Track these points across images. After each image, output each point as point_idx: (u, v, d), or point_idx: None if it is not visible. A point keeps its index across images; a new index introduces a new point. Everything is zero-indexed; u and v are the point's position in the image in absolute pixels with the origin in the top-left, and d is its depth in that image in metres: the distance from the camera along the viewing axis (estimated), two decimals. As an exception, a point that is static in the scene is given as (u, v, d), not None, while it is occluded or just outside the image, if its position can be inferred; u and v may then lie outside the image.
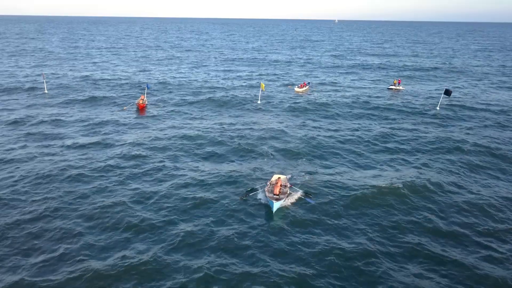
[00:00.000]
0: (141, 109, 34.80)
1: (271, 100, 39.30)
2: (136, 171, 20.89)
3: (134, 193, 18.29)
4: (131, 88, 44.09)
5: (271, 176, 19.62)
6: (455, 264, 13.65)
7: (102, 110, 34.71)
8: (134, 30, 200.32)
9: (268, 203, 17.14)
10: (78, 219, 16.06)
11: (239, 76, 54.80)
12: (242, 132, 28.30)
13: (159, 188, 18.87)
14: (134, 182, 19.63)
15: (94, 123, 30.21)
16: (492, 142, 26.72)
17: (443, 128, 30.19)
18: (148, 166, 21.52)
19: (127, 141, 25.89)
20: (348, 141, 26.80)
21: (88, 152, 23.79)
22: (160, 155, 23.31)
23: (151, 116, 32.87)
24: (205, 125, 30.16)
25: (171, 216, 16.36)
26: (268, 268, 13.13)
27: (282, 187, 17.87)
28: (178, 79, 50.60)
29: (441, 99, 37.15)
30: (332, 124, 31.45)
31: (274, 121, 31.58)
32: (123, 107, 35.89)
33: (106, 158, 22.70)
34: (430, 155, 24.40)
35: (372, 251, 14.19)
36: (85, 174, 20.31)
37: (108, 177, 20.11)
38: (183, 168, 21.52)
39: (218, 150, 24.37)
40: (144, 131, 28.30)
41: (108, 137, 26.85)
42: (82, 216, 16.25)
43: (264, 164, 22.16)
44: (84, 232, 15.11)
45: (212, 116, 33.23)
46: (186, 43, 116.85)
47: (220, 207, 17.11)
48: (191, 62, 69.51)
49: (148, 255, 13.65)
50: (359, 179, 20.44)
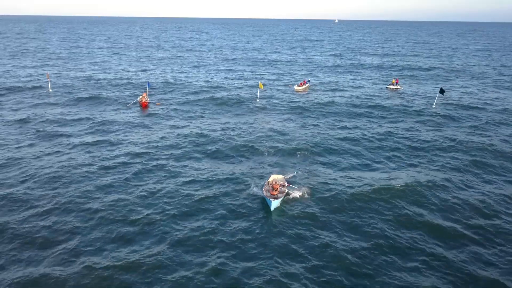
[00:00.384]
0: (144, 106, 35.71)
1: (271, 99, 39.80)
2: (140, 168, 21.39)
3: (138, 190, 18.80)
4: (133, 88, 44.64)
5: (269, 175, 19.88)
6: (451, 260, 13.92)
7: (105, 109, 35.30)
8: (134, 30, 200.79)
9: (266, 202, 17.35)
10: (85, 214, 16.60)
11: (239, 76, 55.32)
12: (241, 131, 28.69)
13: (162, 186, 19.32)
14: (137, 179, 20.14)
15: (98, 122, 30.76)
16: (487, 140, 27.31)
17: (438, 127, 30.70)
18: (150, 164, 22.01)
19: (131, 140, 26.46)
20: (347, 140, 27.13)
21: (93, 150, 24.35)
22: (162, 154, 23.81)
23: (153, 114, 33.42)
24: (205, 124, 30.67)
25: (173, 213, 16.79)
26: (266, 264, 13.53)
27: (280, 186, 18.11)
28: (179, 79, 51.12)
29: (436, 98, 38.02)
30: (331, 123, 31.87)
31: (273, 120, 32.05)
32: (127, 105, 36.82)
33: (110, 156, 23.24)
34: (427, 153, 24.75)
35: (369, 247, 14.49)
36: (91, 171, 20.86)
37: (113, 174, 20.65)
38: (183, 166, 21.96)
39: (218, 149, 24.70)
40: (147, 130, 28.87)
41: (111, 135, 27.41)
42: (89, 212, 16.77)
43: (263, 163, 22.48)
44: (90, 228, 15.68)
45: (213, 115, 33.71)
46: (187, 43, 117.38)
47: (219, 206, 17.43)
48: (192, 62, 70.02)
49: (152, 250, 14.14)
50: (357, 177, 20.71)
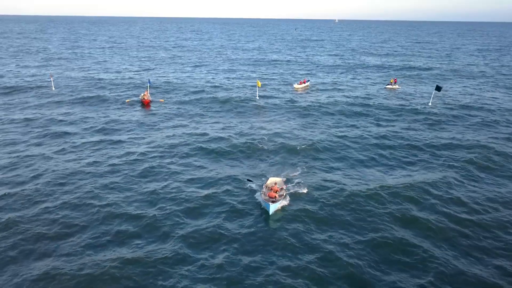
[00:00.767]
0: (146, 104, 36.43)
1: (271, 98, 40.18)
2: (142, 167, 21.71)
3: (141, 188, 19.18)
4: (134, 87, 45.15)
5: (268, 178, 19.79)
6: (449, 260, 14.08)
7: (108, 108, 35.81)
8: (135, 30, 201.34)
9: (264, 205, 17.21)
10: (92, 211, 17.07)
11: (239, 76, 55.82)
12: (241, 131, 28.80)
13: (162, 185, 19.56)
14: (140, 178, 20.48)
15: (101, 121, 31.25)
16: (484, 139, 27.86)
17: (435, 126, 31.05)
18: (152, 164, 22.27)
19: (133, 139, 26.89)
20: (345, 140, 27.12)
21: (97, 149, 24.83)
22: (162, 153, 24.07)
23: (155, 114, 33.87)
24: (205, 124, 30.95)
25: (169, 214, 16.97)
26: (264, 266, 13.72)
27: (278, 189, 18.05)
28: (180, 79, 51.66)
29: (432, 95, 38.62)
30: (329, 123, 31.97)
31: (273, 120, 32.23)
32: (126, 100, 37.65)
33: (114, 155, 23.66)
34: (424, 152, 24.96)
35: (368, 249, 14.61)
36: (96, 170, 21.32)
37: (116, 172, 21.06)
38: (182, 166, 22.15)
39: (217, 150, 24.73)
40: (149, 130, 29.19)
41: (115, 135, 27.84)
42: (95, 209, 17.23)
43: (262, 164, 22.55)
44: (96, 224, 16.16)
45: (213, 115, 33.94)
46: (187, 43, 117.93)
47: (216, 208, 17.44)
48: (193, 62, 70.53)
49: (149, 250, 14.33)
50: (356, 179, 20.74)
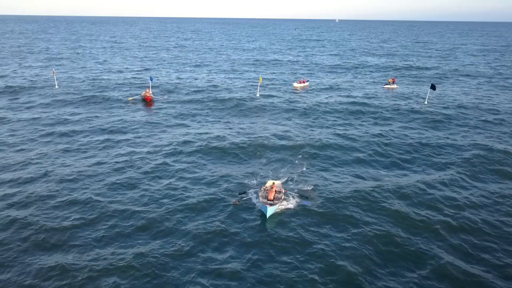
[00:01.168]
0: (148, 101, 37.01)
1: (271, 98, 40.50)
2: (144, 167, 21.94)
3: (144, 188, 19.41)
4: (137, 87, 45.76)
5: (266, 181, 19.65)
6: (447, 261, 14.10)
7: (111, 107, 36.37)
8: (135, 30, 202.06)
9: (261, 208, 17.02)
10: (97, 210, 17.28)
11: (240, 75, 56.42)
12: (241, 132, 28.86)
13: (163, 185, 19.68)
14: (143, 176, 20.76)
15: (104, 120, 31.73)
16: (480, 139, 28.53)
17: (430, 125, 31.42)
18: (153, 163, 22.39)
19: (135, 138, 27.26)
20: (344, 141, 27.07)
21: (101, 148, 25.27)
22: (163, 153, 24.25)
23: (156, 114, 34.32)
24: (205, 124, 31.20)
25: (168, 212, 17.06)
26: (261, 271, 13.65)
27: (276, 192, 17.86)
28: (180, 78, 52.25)
29: (428, 94, 39.30)
30: (328, 123, 32.01)
31: (273, 121, 32.36)
32: (129, 98, 38.28)
33: (116, 155, 24.00)
34: (422, 153, 25.08)
35: (366, 255, 14.53)
36: (100, 170, 21.61)
37: (120, 172, 21.39)
38: (181, 166, 22.22)
39: (216, 150, 24.66)
40: (150, 130, 29.34)
41: (118, 134, 28.21)
42: (100, 208, 17.44)
43: (260, 165, 22.45)
44: (100, 223, 16.38)
45: (213, 115, 34.16)
46: (188, 43, 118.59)
47: (214, 212, 17.34)
48: (193, 62, 71.15)
49: (143, 254, 14.31)
50: (355, 181, 20.77)
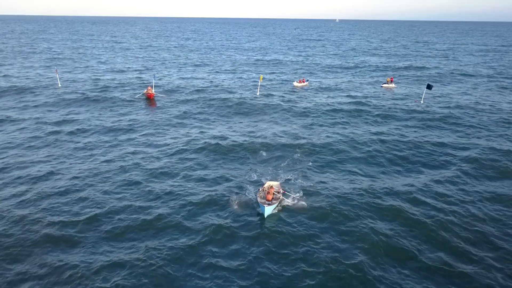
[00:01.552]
0: (151, 98, 37.75)
1: (271, 97, 40.93)
2: (147, 166, 22.16)
3: (139, 191, 19.51)
4: (139, 86, 46.25)
5: (265, 181, 19.81)
6: (445, 264, 14.24)
7: (113, 106, 36.93)
8: (136, 30, 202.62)
9: (260, 208, 17.15)
10: (103, 210, 17.60)
11: (240, 75, 56.98)
12: (240, 132, 28.98)
13: (161, 185, 19.95)
14: (147, 175, 21.05)
15: (108, 120, 32.27)
16: (476, 139, 29.05)
17: (426, 125, 31.65)
18: (156, 163, 22.66)
19: (137, 138, 27.55)
20: (343, 141, 27.22)
21: (105, 148, 25.63)
22: (163, 153, 24.48)
23: (159, 114, 34.89)
24: (205, 124, 31.38)
25: (165, 211, 17.27)
26: (256, 270, 13.78)
27: (275, 193, 18.00)
28: (181, 78, 52.81)
29: (423, 94, 39.99)
30: (327, 123, 32.12)
31: (272, 121, 32.53)
32: (134, 97, 38.95)
33: (121, 155, 24.28)
34: (418, 152, 25.18)
35: (365, 253, 14.64)
36: (101, 170, 21.96)
37: (126, 171, 21.74)
38: (179, 166, 22.44)
39: (215, 151, 24.95)
40: (152, 130, 29.59)
41: (122, 134, 28.57)
42: (105, 208, 17.76)
43: (259, 167, 22.57)
44: (108, 220, 16.81)
45: (213, 115, 34.31)
46: (188, 43, 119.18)
47: (213, 211, 17.53)
48: (194, 62, 71.76)
49: (149, 248, 14.69)
50: (354, 182, 20.83)
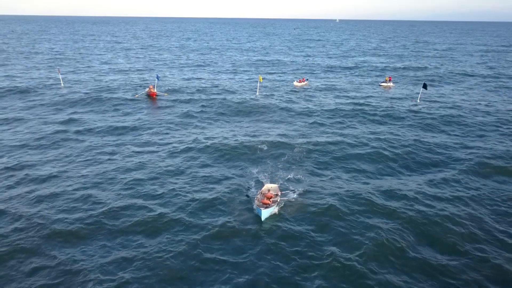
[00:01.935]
0: (153, 97, 38.44)
1: (271, 98, 41.34)
2: (143, 168, 22.55)
3: (142, 189, 19.93)
4: (142, 86, 46.74)
5: (263, 183, 19.84)
6: (443, 264, 14.49)
7: (116, 106, 37.42)
8: (137, 30, 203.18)
9: (257, 212, 17.11)
10: (109, 211, 18.00)
11: (240, 75, 57.55)
12: (240, 133, 29.22)
13: (160, 185, 20.28)
14: (142, 178, 21.14)
15: (111, 120, 32.73)
16: (469, 137, 29.66)
17: (422, 125, 31.99)
18: (150, 165, 22.92)
19: (139, 138, 28.01)
20: (341, 141, 27.24)
21: (109, 148, 26.10)
22: (164, 153, 24.91)
23: (159, 114, 35.21)
24: (205, 124, 31.75)
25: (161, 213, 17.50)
26: (252, 274, 13.85)
27: (273, 196, 17.96)
28: (182, 79, 53.36)
29: (420, 93, 40.66)
30: (326, 124, 32.26)
31: (272, 121, 32.82)
32: (135, 95, 39.52)
33: (121, 155, 24.69)
34: (415, 152, 25.49)
35: (362, 258, 14.64)
36: (111, 168, 22.53)
37: (131, 171, 22.18)
38: (177, 167, 22.70)
39: (215, 151, 25.20)
40: (154, 130, 29.91)
41: (126, 134, 29.11)
42: (110, 209, 18.14)
43: (258, 168, 22.64)
44: (116, 217, 17.35)
45: (214, 115, 34.52)
46: (189, 43, 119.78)
47: (210, 212, 17.62)
48: (194, 62, 72.34)
49: (138, 254, 14.87)
50: (352, 181, 20.98)
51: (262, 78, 41.84)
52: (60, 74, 46.91)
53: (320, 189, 20.06)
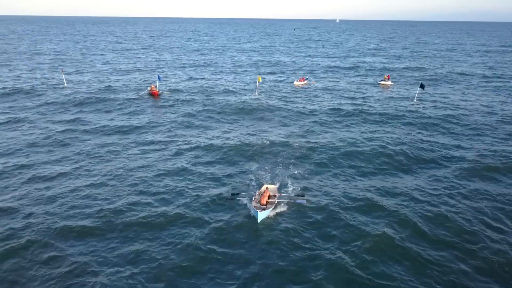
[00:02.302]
0: (156, 95, 39.40)
1: (271, 98, 41.80)
2: (145, 167, 22.89)
3: (145, 188, 20.30)
4: (143, 86, 47.38)
5: (261, 184, 19.83)
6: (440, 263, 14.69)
7: (119, 107, 37.99)
8: (138, 31, 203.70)
9: (253, 213, 16.98)
10: (114, 212, 19.20)
11: (241, 75, 58.16)
12: (239, 133, 29.49)
13: (159, 184, 20.56)
14: (147, 175, 21.91)
15: (113, 119, 33.41)
16: (465, 137, 30.17)
17: (418, 124, 32.39)
18: (151, 165, 23.26)
19: (139, 138, 28.55)
20: (340, 141, 27.51)
21: (113, 148, 26.76)
22: (164, 154, 25.26)
23: (161, 114, 35.88)
24: (205, 125, 32.05)
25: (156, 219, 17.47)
26: (247, 276, 13.92)
27: (270, 197, 17.72)
28: (183, 79, 53.93)
29: (417, 92, 41.28)
30: (325, 124, 32.48)
31: (271, 121, 33.12)
32: (138, 94, 40.67)
33: (121, 156, 25.17)
34: (412, 152, 25.73)
35: (359, 256, 14.84)
36: (116, 168, 23.50)
37: (136, 170, 23.02)
38: (176, 167, 23.00)
39: (214, 151, 25.36)
40: (155, 131, 30.30)
41: (130, 134, 29.55)
42: (113, 210, 19.34)
43: (256, 169, 22.73)
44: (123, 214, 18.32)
45: (214, 115, 34.74)
46: (189, 43, 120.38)
47: (205, 217, 17.61)
48: (195, 62, 72.89)
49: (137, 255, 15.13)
50: (351, 182, 21.12)
51: (261, 78, 42.61)
52: (63, 73, 47.51)
53: (319, 188, 20.32)
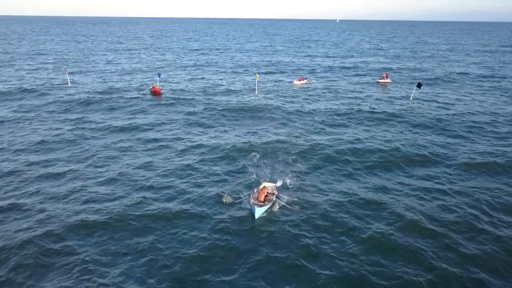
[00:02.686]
0: (158, 93, 40.32)
1: (270, 98, 42.22)
2: (146, 167, 23.24)
3: (148, 188, 20.78)
4: (146, 84, 47.99)
5: (260, 182, 20.07)
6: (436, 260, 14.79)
7: (121, 107, 38.51)
8: (138, 31, 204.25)
9: (251, 209, 17.29)
10: (113, 213, 19.70)
11: (242, 75, 58.74)
12: (239, 132, 29.72)
13: (159, 184, 20.81)
14: (149, 175, 22.66)
15: (117, 119, 34.05)
16: (461, 137, 30.72)
17: (415, 124, 32.73)
18: (152, 164, 23.56)
19: (140, 137, 28.95)
20: (340, 142, 27.72)
21: (117, 149, 27.33)
22: (165, 154, 25.59)
23: (162, 114, 36.37)
24: (205, 125, 32.48)
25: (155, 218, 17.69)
26: (242, 273, 14.05)
27: (268, 194, 17.96)
28: (184, 79, 54.51)
29: (413, 91, 41.95)
30: (324, 124, 32.74)
31: (271, 121, 33.38)
32: (140, 92, 41.37)
33: (123, 156, 25.48)
34: (409, 151, 25.89)
35: (355, 254, 14.98)
36: (119, 168, 24.06)
37: (139, 171, 23.65)
38: (175, 167, 23.30)
39: (213, 151, 25.56)
40: (156, 131, 30.59)
41: (133, 134, 29.91)
42: (114, 211, 19.85)
43: (255, 168, 22.83)
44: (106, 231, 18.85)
45: (213, 116, 35.14)
46: (190, 44, 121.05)
47: (205, 213, 17.83)
48: (195, 62, 73.49)
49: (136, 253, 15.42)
50: (349, 184, 21.18)
51: (259, 77, 43.57)
52: (67, 73, 48.15)
53: (317, 185, 20.55)
